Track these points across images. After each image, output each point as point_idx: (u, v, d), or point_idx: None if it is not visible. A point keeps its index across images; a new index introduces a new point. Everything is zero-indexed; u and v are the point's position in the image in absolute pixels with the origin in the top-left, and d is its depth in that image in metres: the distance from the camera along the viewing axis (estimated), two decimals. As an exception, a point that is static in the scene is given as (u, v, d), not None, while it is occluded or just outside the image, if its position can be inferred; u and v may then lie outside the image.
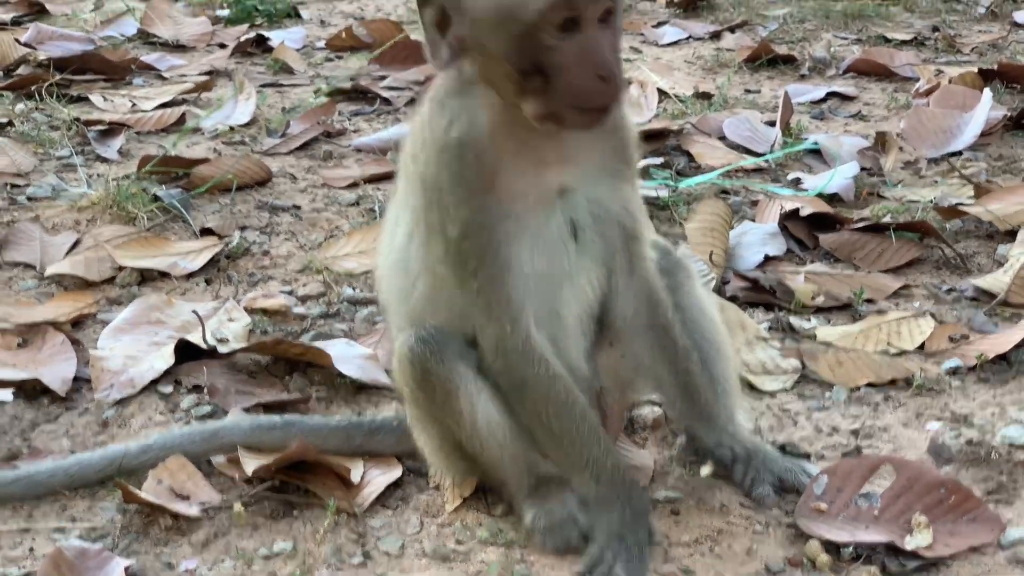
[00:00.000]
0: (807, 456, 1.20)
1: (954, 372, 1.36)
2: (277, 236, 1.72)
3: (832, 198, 1.78)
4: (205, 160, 1.92)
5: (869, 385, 1.33)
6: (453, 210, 1.02)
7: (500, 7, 0.96)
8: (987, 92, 2.06)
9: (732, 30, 2.75)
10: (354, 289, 1.56)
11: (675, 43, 2.69)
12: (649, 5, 2.97)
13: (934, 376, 1.34)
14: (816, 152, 1.98)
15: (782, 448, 1.20)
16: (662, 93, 2.28)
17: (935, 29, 2.73)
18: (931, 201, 1.77)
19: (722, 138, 2.04)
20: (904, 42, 2.64)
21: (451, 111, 1.03)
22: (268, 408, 1.28)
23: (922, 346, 1.41)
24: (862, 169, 1.89)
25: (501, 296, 1.01)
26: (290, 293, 1.56)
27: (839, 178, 1.81)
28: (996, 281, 1.52)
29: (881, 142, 1.99)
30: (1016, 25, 2.76)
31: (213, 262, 1.63)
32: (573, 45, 1.00)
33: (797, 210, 1.68)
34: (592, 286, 1.06)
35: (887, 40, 2.64)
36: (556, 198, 1.02)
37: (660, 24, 2.84)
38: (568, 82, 0.98)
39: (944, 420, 1.26)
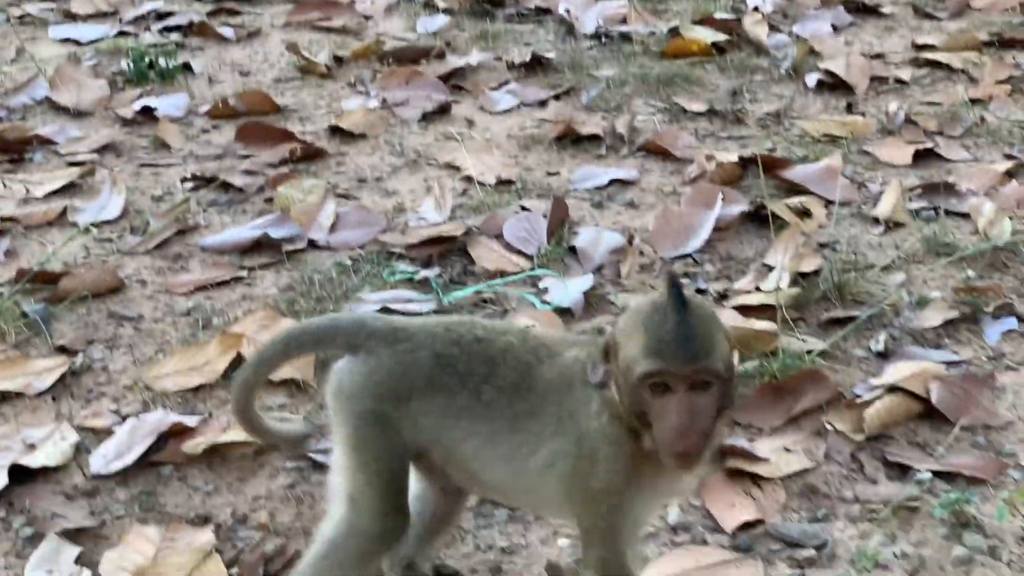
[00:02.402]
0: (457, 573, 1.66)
1: None
2: (118, 349, 2.15)
3: (567, 310, 2.21)
4: (67, 274, 2.35)
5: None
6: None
7: (624, 362, 1.29)
8: (719, 197, 2.48)
9: (558, 97, 3.14)
10: (167, 408, 2.00)
11: (507, 111, 3.09)
12: (498, 63, 3.34)
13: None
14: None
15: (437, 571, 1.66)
16: (469, 180, 2.69)
17: (734, 94, 3.13)
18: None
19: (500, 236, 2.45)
20: (699, 114, 3.04)
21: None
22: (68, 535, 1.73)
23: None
24: (601, 271, 2.32)
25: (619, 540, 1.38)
26: (116, 411, 2.00)
27: (573, 292, 2.24)
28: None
29: (629, 241, 2.42)
30: (807, 88, 3.15)
31: (62, 379, 2.07)
32: (662, 404, 1.28)
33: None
34: None
35: (685, 112, 3.03)
36: None
37: (500, 86, 3.22)
38: (657, 432, 1.30)
39: (573, 538, 1.71)
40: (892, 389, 1.92)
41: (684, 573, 1.62)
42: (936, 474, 1.79)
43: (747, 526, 1.71)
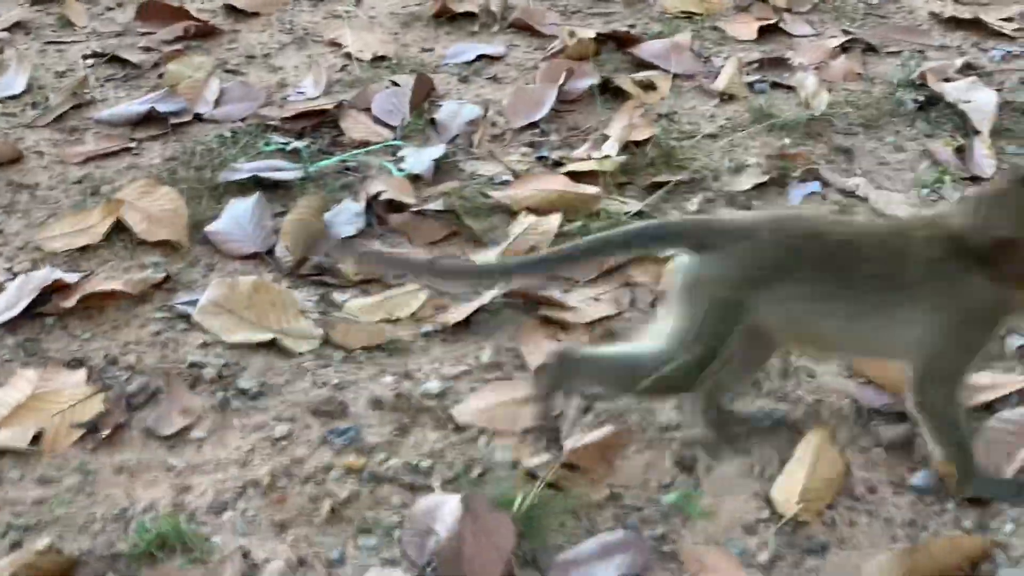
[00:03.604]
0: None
1: (426, 335, 2.09)
2: (14, 215, 2.40)
3: (418, 176, 2.47)
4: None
5: (363, 348, 2.06)
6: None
7: None
8: (564, 71, 2.71)
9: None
10: (53, 266, 2.25)
11: (396, -12, 3.29)
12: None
13: (409, 339, 2.07)
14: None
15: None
16: (349, 57, 2.93)
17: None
18: (491, 178, 2.46)
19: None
20: (572, -10, 3.25)
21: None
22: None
23: (414, 314, 2.13)
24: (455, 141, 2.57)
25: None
26: (9, 270, 2.26)
27: (425, 159, 2.49)
28: (487, 257, 2.23)
29: (484, 113, 2.66)
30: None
31: (-39, 241, 2.31)
32: None
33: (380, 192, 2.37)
34: None
35: (559, -13, 3.24)
36: None
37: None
38: None
39: (397, 375, 1.99)
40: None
41: (492, 406, 1.89)
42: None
43: (551, 364, 1.97)
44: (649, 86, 2.69)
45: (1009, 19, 2.94)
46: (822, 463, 1.75)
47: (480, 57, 2.88)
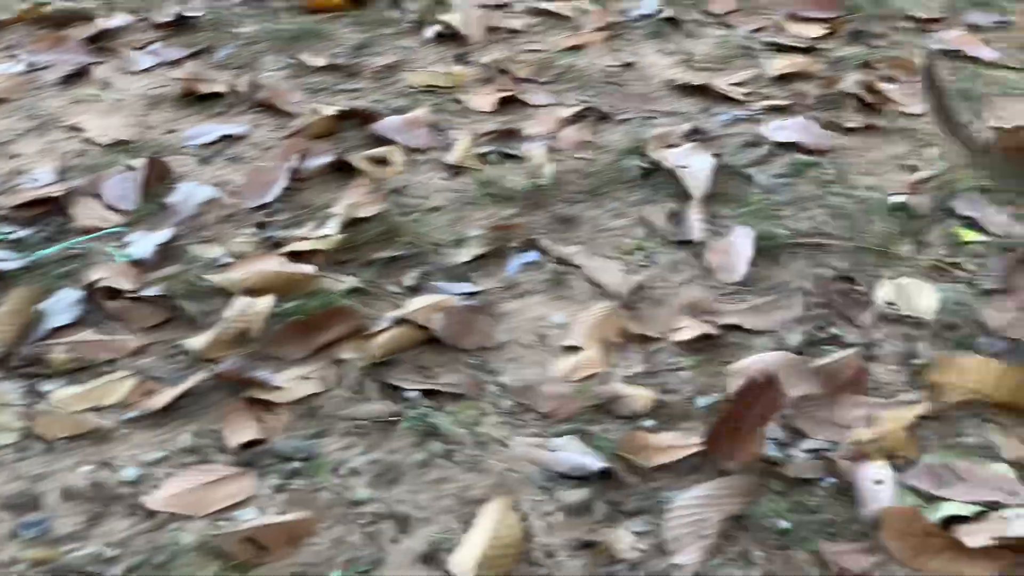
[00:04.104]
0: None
1: (130, 421, 2.11)
2: None
3: (140, 261, 2.49)
4: None
5: (66, 438, 2.06)
6: None
7: None
8: (296, 150, 2.77)
9: (195, 56, 3.39)
10: None
11: (145, 71, 3.32)
12: (143, 24, 3.57)
13: (112, 426, 2.09)
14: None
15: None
16: (89, 142, 2.94)
17: (359, 48, 3.41)
18: (213, 261, 2.50)
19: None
20: (320, 68, 3.32)
21: None
22: None
23: (121, 401, 2.15)
24: (186, 224, 2.60)
25: None
26: None
27: (150, 244, 2.51)
28: (199, 341, 2.26)
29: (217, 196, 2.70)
30: (427, 41, 3.45)
31: None
32: None
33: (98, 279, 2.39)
34: None
35: (307, 67, 3.31)
36: None
37: (145, 46, 3.45)
38: None
39: (96, 464, 2.00)
40: (402, 321, 2.23)
41: (187, 491, 1.92)
42: (425, 392, 2.12)
43: (252, 445, 2.02)
44: (383, 161, 2.74)
45: (740, 83, 3.05)
46: (502, 530, 1.80)
47: (222, 137, 2.91)
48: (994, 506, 1.87)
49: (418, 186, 2.70)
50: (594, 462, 1.92)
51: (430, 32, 3.39)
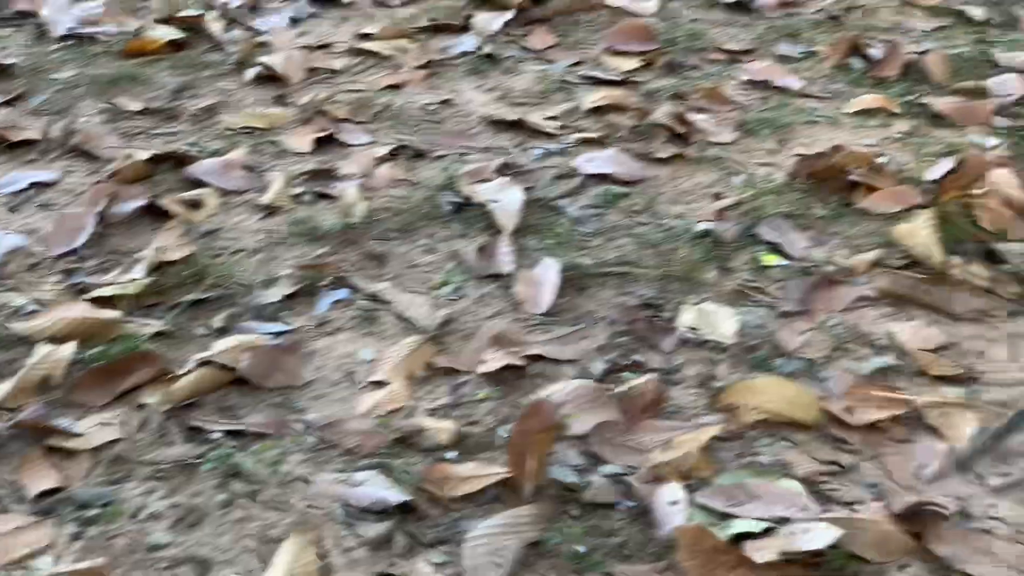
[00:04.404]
0: None
1: None
2: None
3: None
4: None
5: None
6: None
7: None
8: (105, 195, 2.74)
9: (9, 103, 3.34)
10: None
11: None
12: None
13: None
14: None
15: None
16: None
17: (179, 91, 3.40)
18: (17, 310, 2.47)
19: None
20: (137, 112, 3.30)
21: None
22: None
23: (-84, 455, 2.10)
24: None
25: None
26: None
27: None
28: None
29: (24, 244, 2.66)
30: (247, 83, 3.45)
31: None
32: None
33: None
34: None
35: (124, 112, 3.28)
36: None
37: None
38: None
39: None
40: (206, 363, 2.23)
41: (-18, 541, 1.89)
42: (229, 433, 2.11)
43: (51, 493, 1.99)
44: (196, 204, 2.74)
45: (555, 117, 3.10)
46: (297, 568, 1.80)
47: (32, 185, 2.88)
48: (784, 522, 1.92)
49: (231, 228, 2.70)
50: (395, 495, 1.94)
51: (250, 74, 3.39)
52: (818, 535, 1.88)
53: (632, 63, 3.46)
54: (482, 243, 2.61)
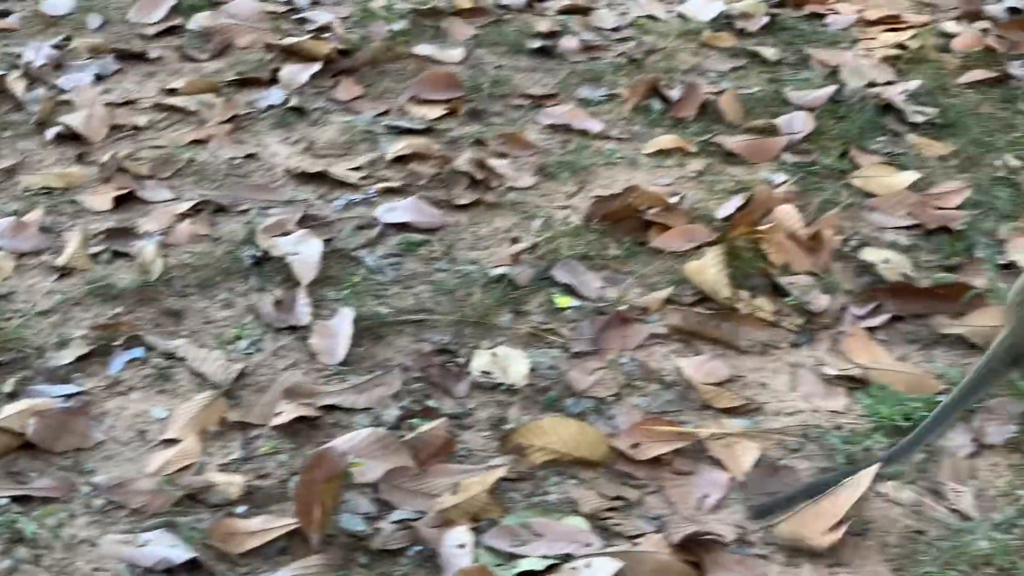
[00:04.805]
0: None
1: None
2: None
3: None
4: None
5: None
6: None
7: None
8: None
9: None
10: None
11: None
12: None
13: None
14: None
15: None
16: None
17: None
18: None
19: None
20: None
21: None
22: None
23: None
24: None
25: None
26: None
27: None
28: None
29: None
30: (48, 142, 3.41)
31: None
32: None
33: None
34: None
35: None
36: None
37: None
38: None
39: None
40: (-11, 429, 2.21)
41: None
42: (14, 499, 2.09)
43: None
44: (-13, 270, 2.71)
45: (358, 168, 3.13)
46: (79, 633, 1.79)
47: None
48: (567, 558, 1.97)
49: (25, 291, 2.68)
50: (180, 554, 1.94)
51: (51, 133, 3.36)
52: (599, 569, 1.93)
53: (436, 111, 3.51)
54: (279, 296, 2.62)
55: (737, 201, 2.96)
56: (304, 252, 2.73)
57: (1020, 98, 3.56)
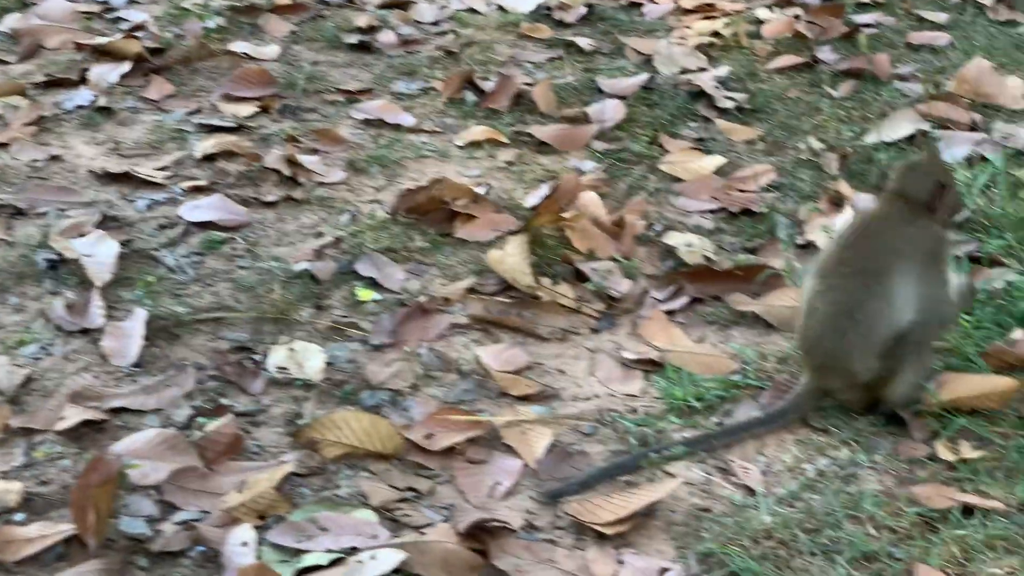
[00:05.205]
0: None
1: None
2: None
3: None
4: None
5: None
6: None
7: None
8: None
9: None
10: None
11: None
12: None
13: None
14: None
15: None
16: None
17: None
18: None
19: None
20: None
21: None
22: None
23: None
24: None
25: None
26: None
27: None
28: None
29: None
30: None
31: None
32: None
33: None
34: None
35: None
36: None
37: None
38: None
39: None
40: None
41: None
42: None
43: None
44: None
45: (164, 167, 3.07)
46: None
47: None
48: (353, 551, 1.95)
49: None
50: (-50, 565, 1.88)
51: None
52: (383, 561, 1.92)
53: (249, 108, 3.47)
54: (72, 299, 2.56)
55: (544, 190, 2.96)
56: (99, 254, 2.68)
57: (826, 82, 3.62)
